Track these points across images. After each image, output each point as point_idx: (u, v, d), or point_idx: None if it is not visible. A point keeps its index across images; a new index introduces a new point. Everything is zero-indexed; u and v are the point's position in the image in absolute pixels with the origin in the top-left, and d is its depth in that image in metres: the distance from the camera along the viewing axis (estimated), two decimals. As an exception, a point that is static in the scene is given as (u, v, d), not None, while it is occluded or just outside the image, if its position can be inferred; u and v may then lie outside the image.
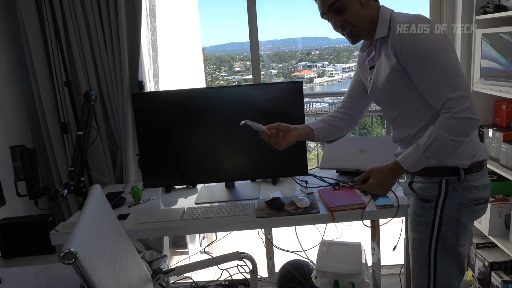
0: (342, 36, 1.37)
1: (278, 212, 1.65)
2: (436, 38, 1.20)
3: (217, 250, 2.85)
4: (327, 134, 1.56)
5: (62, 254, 0.93)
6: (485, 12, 1.99)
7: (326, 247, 2.01)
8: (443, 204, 1.31)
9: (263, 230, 2.30)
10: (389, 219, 1.62)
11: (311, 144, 4.11)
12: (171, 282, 2.40)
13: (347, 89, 1.63)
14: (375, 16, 1.30)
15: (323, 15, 1.35)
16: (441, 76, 1.18)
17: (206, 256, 2.18)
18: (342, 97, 1.60)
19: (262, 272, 2.49)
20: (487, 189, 1.35)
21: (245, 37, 2.34)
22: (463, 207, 1.30)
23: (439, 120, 1.20)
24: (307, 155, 1.92)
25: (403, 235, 1.71)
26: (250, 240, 2.70)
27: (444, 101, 1.17)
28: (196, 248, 2.78)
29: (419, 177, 1.37)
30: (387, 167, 1.34)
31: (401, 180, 1.87)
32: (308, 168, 1.92)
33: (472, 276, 2.26)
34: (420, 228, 1.37)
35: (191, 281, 2.34)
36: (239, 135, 1.87)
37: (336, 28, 1.31)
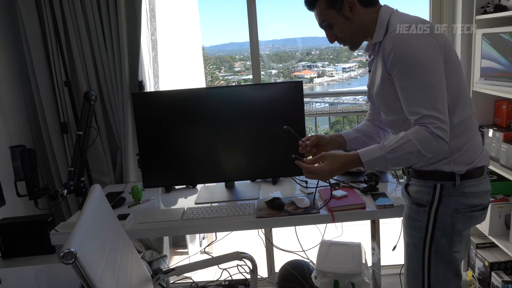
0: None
1: (278, 212, 1.65)
2: (424, 52, 1.17)
3: (217, 250, 2.85)
4: (359, 144, 1.51)
5: (61, 254, 0.93)
6: (485, 12, 1.99)
7: (326, 247, 2.01)
8: (436, 209, 1.28)
9: (263, 230, 2.30)
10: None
11: (311, 144, 4.10)
12: (171, 282, 2.40)
13: (348, 89, 1.64)
14: (370, 21, 1.28)
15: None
16: (418, 93, 1.16)
17: (206, 256, 2.18)
18: (342, 97, 1.61)
19: (262, 272, 2.49)
20: (486, 195, 1.32)
21: (245, 37, 2.33)
22: (458, 213, 1.27)
23: (415, 129, 1.16)
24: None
25: (403, 235, 1.71)
26: (250, 240, 2.69)
27: (418, 116, 1.16)
28: (196, 248, 2.78)
29: (414, 179, 1.35)
30: (345, 156, 1.27)
31: (401, 180, 1.87)
32: (308, 168, 1.92)
33: (472, 276, 2.26)
34: (414, 232, 1.35)
35: (191, 281, 2.33)
36: (239, 135, 1.87)
37: (331, 41, 1.35)
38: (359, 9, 1.27)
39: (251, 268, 1.61)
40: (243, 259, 1.61)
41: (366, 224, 2.18)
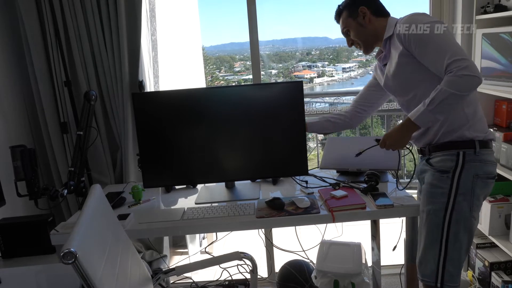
0: (342, 36, 1.65)
1: (278, 212, 1.65)
2: (434, 21, 1.39)
3: (217, 250, 2.85)
4: (320, 127, 1.92)
5: (61, 254, 0.93)
6: (485, 12, 1.99)
7: (326, 247, 2.01)
8: (460, 175, 1.41)
9: (263, 230, 2.30)
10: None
11: (311, 144, 4.11)
12: (171, 282, 2.40)
13: (347, 89, 1.78)
14: (380, 28, 1.54)
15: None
16: (439, 49, 1.35)
17: (206, 256, 2.18)
18: (342, 97, 1.69)
19: (262, 272, 2.49)
20: (496, 166, 1.48)
21: (245, 37, 2.34)
22: (477, 179, 1.41)
23: (444, 79, 1.33)
24: (307, 155, 1.91)
25: (403, 235, 1.71)
26: (250, 240, 2.70)
27: (446, 66, 1.32)
28: (196, 248, 2.78)
29: (438, 152, 1.48)
30: (399, 124, 1.49)
31: (402, 181, 1.88)
32: (308, 168, 1.92)
33: (472, 276, 2.26)
34: (436, 199, 1.45)
35: (191, 281, 2.34)
36: (239, 135, 1.87)
37: (349, 46, 1.64)
38: (370, 17, 1.55)
39: (251, 268, 1.61)
40: (243, 259, 1.62)
41: (366, 224, 2.18)
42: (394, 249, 1.88)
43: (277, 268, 2.38)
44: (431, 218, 1.45)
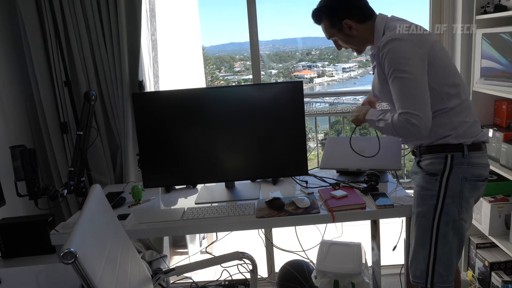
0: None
1: (278, 212, 1.65)
2: (409, 61, 1.35)
3: (217, 250, 2.85)
4: None
5: (61, 254, 0.93)
6: (485, 12, 1.99)
7: (326, 247, 2.01)
8: (448, 177, 1.42)
9: (263, 230, 2.30)
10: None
11: (311, 144, 4.11)
12: (171, 282, 2.40)
13: (347, 89, 1.78)
14: (368, 33, 1.50)
15: None
16: (397, 95, 1.39)
17: (206, 256, 2.18)
18: (342, 97, 1.70)
19: (262, 272, 2.49)
20: (488, 168, 1.48)
21: (245, 37, 2.33)
22: (466, 181, 1.42)
23: (397, 116, 1.38)
24: (307, 155, 1.91)
25: (403, 235, 1.72)
26: (250, 240, 2.69)
27: (399, 112, 1.38)
28: (196, 248, 2.78)
29: (426, 155, 1.48)
30: (364, 109, 1.60)
31: (402, 181, 1.87)
32: (308, 168, 1.92)
33: (472, 276, 2.26)
34: (425, 201, 1.46)
35: (191, 281, 2.33)
36: (239, 135, 1.87)
37: (339, 49, 1.62)
38: (357, 27, 1.49)
39: (251, 268, 1.61)
40: (243, 259, 1.61)
41: (366, 224, 2.18)
42: (394, 249, 1.88)
43: (277, 268, 2.37)
44: (420, 220, 1.47)
